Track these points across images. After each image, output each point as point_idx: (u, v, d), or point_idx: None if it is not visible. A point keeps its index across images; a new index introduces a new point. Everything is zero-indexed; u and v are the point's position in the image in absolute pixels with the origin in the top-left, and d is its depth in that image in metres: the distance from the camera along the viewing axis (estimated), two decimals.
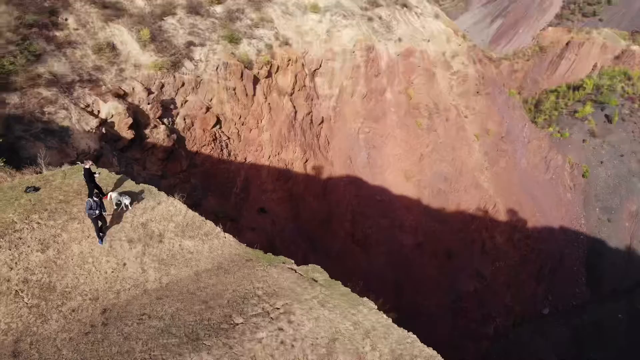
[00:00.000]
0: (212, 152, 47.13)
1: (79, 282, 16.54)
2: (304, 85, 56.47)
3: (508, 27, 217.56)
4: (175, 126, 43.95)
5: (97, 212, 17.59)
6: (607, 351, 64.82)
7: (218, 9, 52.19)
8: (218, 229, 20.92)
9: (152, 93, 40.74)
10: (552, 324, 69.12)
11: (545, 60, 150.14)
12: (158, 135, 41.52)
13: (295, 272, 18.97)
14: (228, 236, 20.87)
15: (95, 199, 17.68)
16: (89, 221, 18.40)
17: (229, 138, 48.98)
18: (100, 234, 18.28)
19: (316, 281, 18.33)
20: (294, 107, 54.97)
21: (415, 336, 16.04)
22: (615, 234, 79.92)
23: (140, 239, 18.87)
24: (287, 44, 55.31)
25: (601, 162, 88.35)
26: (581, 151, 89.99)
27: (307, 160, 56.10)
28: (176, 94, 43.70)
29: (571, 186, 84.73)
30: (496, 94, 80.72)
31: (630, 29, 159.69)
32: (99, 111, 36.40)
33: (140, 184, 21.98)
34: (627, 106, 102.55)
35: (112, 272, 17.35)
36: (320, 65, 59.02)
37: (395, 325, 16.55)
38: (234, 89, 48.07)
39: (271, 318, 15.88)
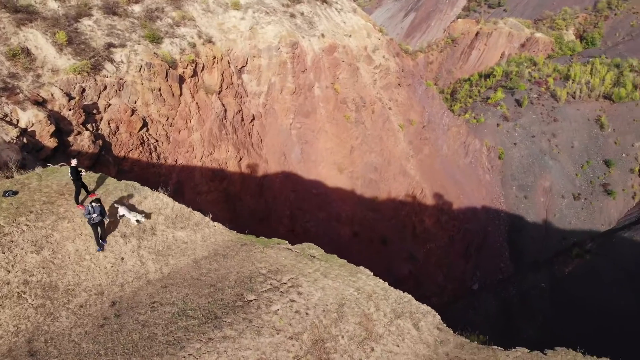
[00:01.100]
0: (140, 157, 45.83)
1: (80, 279, 16.77)
2: (232, 83, 56.23)
3: (421, 21, 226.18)
4: (100, 131, 42.31)
5: (96, 217, 17.37)
6: (534, 319, 70.51)
7: (136, 8, 50.65)
8: (207, 219, 21.65)
9: (73, 98, 38.94)
10: (482, 298, 74.06)
11: (457, 51, 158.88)
12: (82, 142, 39.77)
13: (292, 250, 20.19)
14: (218, 225, 21.59)
15: (94, 204, 17.34)
16: (78, 220, 18.62)
17: (157, 141, 47.84)
18: (100, 240, 18.26)
19: (314, 257, 19.61)
20: (223, 105, 54.62)
21: (410, 296, 18.63)
22: (532, 210, 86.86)
23: (134, 233, 19.23)
24: (210, 42, 54.75)
25: (515, 144, 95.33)
26: (496, 135, 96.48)
27: (241, 159, 56.00)
28: (98, 97, 42.05)
29: (489, 168, 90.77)
30: (416, 85, 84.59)
31: (533, 18, 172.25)
32: (18, 120, 34.35)
33: (123, 181, 22.18)
34: (535, 90, 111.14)
35: (112, 267, 17.72)
36: (247, 63, 59.02)
37: (392, 288, 18.66)
38: (160, 90, 46.99)
39: (281, 292, 16.86)
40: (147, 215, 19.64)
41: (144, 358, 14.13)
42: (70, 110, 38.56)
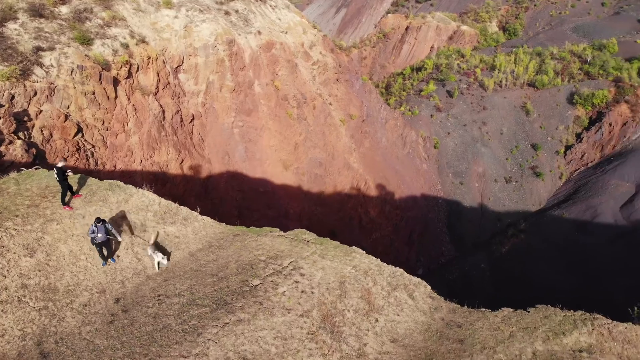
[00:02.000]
0: (77, 164, 43.78)
1: (79, 279, 16.83)
2: (169, 83, 54.81)
3: (352, 17, 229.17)
4: (32, 139, 40.12)
5: (101, 236, 17.00)
6: (477, 298, 74.07)
7: (63, 9, 48.24)
8: (195, 213, 22.15)
9: (2, 106, 36.74)
10: (428, 282, 76.77)
11: (389, 45, 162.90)
12: (15, 151, 37.56)
13: (286, 237, 20.84)
14: (206, 218, 22.06)
15: (97, 223, 16.91)
16: (67, 221, 18.51)
17: (94, 146, 45.87)
18: (108, 258, 17.99)
19: (308, 241, 20.39)
20: (161, 106, 53.15)
21: (401, 270, 20.11)
22: (468, 195, 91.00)
23: (125, 231, 19.41)
24: (144, 41, 53.09)
25: (448, 133, 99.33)
26: (430, 125, 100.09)
27: (182, 161, 54.77)
28: (29, 104, 39.84)
29: (426, 157, 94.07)
30: (353, 80, 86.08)
31: (458, 11, 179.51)
32: None
33: (105, 180, 22.18)
34: (464, 81, 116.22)
35: (109, 265, 17.99)
36: (183, 62, 57.73)
37: (384, 264, 19.93)
38: (93, 93, 45.07)
39: (284, 275, 17.57)
40: (168, 257, 19.03)
41: (163, 347, 14.41)
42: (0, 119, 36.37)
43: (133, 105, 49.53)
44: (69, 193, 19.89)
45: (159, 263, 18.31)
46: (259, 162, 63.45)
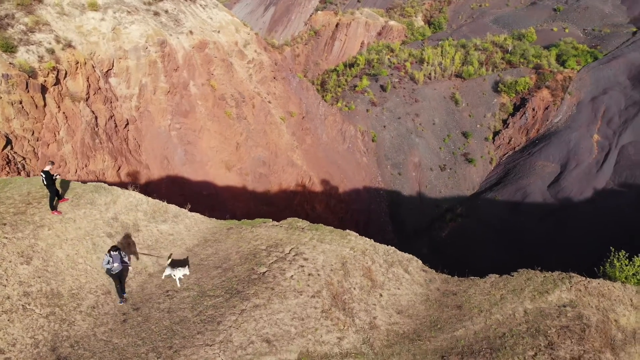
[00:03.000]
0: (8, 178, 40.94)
1: (81, 282, 16.58)
2: (99, 88, 52.40)
3: (281, 15, 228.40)
4: None
5: (117, 266, 15.93)
6: None
7: None
8: (184, 210, 22.25)
9: None
10: None
11: (320, 42, 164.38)
12: None
13: (281, 226, 21.21)
14: (196, 214, 22.32)
15: (112, 252, 15.88)
16: (58, 225, 18.03)
17: (24, 158, 43.15)
18: (122, 289, 16.83)
19: (303, 228, 20.85)
20: (93, 112, 50.75)
21: (394, 247, 21.24)
22: (406, 184, 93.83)
23: (118, 232, 19.24)
24: (70, 46, 50.50)
25: (384, 126, 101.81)
26: (367, 119, 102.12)
27: (119, 168, 52.59)
28: None
29: (365, 151, 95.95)
30: (290, 78, 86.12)
31: (385, 7, 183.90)
32: None
33: (89, 183, 21.81)
34: (396, 75, 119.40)
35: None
36: (113, 65, 55.40)
37: (378, 243, 20.92)
38: (21, 103, 42.40)
39: (289, 261, 18.05)
40: (188, 264, 18.09)
41: (185, 338, 14.58)
42: None
43: (63, 112, 46.95)
44: (56, 198, 19.44)
45: (179, 279, 17.49)
46: (200, 165, 62.04)
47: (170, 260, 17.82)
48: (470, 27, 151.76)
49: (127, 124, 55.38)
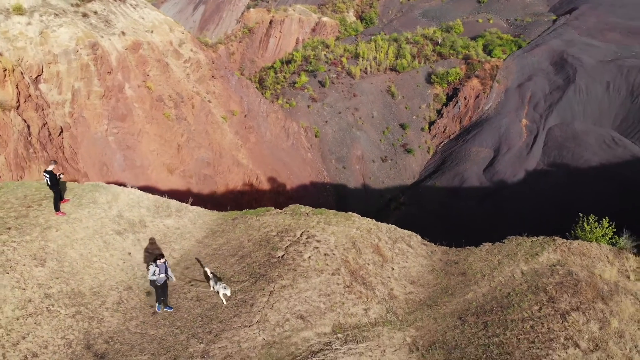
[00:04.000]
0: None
1: (100, 280, 16.47)
2: (30, 95, 49.41)
3: (212, 13, 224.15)
4: None
5: (162, 276, 15.35)
6: None
7: None
8: (185, 204, 22.44)
9: None
10: None
11: (255, 40, 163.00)
12: None
13: (286, 213, 21.75)
14: (198, 208, 22.62)
15: (158, 261, 15.26)
16: (65, 226, 17.78)
17: None
18: (162, 298, 16.10)
19: (307, 213, 21.46)
20: (25, 121, 47.81)
21: (394, 225, 22.32)
22: (351, 177, 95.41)
23: (126, 229, 19.14)
24: None
25: (326, 122, 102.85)
26: (309, 115, 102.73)
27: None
28: None
29: (309, 147, 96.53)
30: (228, 76, 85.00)
31: (317, 3, 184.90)
32: None
33: (86, 183, 21.82)
34: (333, 70, 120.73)
35: (124, 262, 17.68)
36: (43, 71, 52.45)
37: (379, 222, 21.91)
38: None
39: (303, 244, 18.60)
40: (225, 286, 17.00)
41: (223, 322, 15.04)
42: None
43: None
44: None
45: (224, 295, 16.59)
46: (141, 170, 59.99)
47: (210, 272, 17.08)
48: (400, 21, 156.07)
49: (62, 131, 52.58)
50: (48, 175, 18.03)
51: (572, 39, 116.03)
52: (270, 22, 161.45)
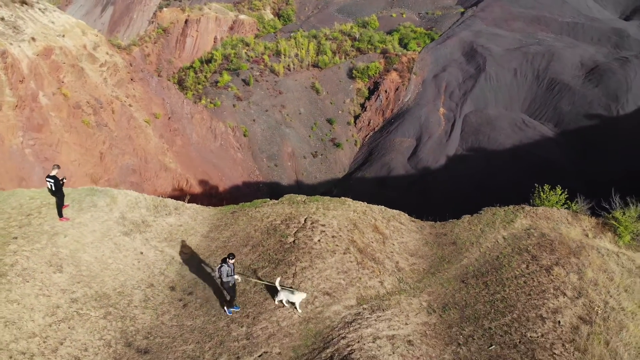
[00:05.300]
0: None
1: (120, 281, 16.61)
2: None
3: (122, 14, 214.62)
4: None
5: (237, 277, 15.44)
6: None
7: None
8: (181, 202, 22.74)
9: None
10: None
11: (171, 40, 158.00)
12: None
13: (283, 203, 22.37)
14: (194, 205, 23.12)
15: (230, 260, 14.91)
16: (73, 231, 17.76)
17: None
18: (233, 298, 16.02)
19: (304, 201, 22.25)
20: None
21: (382, 206, 23.52)
22: (284, 174, 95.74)
23: (132, 229, 19.32)
24: None
25: (254, 120, 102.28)
26: (235, 115, 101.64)
27: None
28: None
29: (238, 146, 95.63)
30: (148, 78, 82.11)
31: (233, 1, 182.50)
32: None
33: (79, 187, 21.85)
34: (256, 68, 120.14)
35: (139, 262, 17.85)
36: None
37: (371, 204, 23.10)
38: None
39: (310, 228, 19.42)
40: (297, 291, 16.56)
41: (256, 306, 15.84)
42: None
43: None
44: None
45: (293, 303, 16.04)
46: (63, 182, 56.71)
47: (278, 283, 16.23)
48: (317, 18, 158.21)
49: None
50: (52, 181, 17.53)
51: (480, 29, 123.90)
52: (186, 21, 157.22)
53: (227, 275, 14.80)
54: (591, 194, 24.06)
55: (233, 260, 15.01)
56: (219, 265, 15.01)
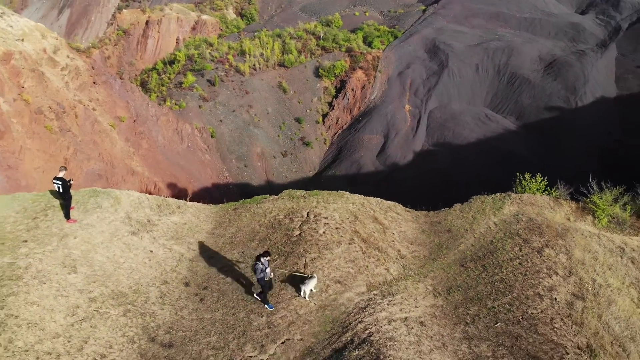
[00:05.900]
0: None
1: (134, 279, 16.86)
2: None
3: (79, 16, 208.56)
4: None
5: (269, 272, 15.56)
6: None
7: None
8: (183, 201, 23.02)
9: None
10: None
11: (132, 42, 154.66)
12: None
13: (283, 198, 22.84)
14: (195, 203, 23.33)
15: (265, 257, 15.32)
16: (82, 232, 17.92)
17: None
18: (269, 294, 16.53)
19: (303, 196, 22.85)
20: None
21: (378, 198, 24.27)
22: (254, 175, 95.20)
23: (139, 228, 19.52)
24: None
25: (221, 121, 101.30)
26: (202, 116, 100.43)
27: None
28: None
29: (206, 148, 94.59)
30: (111, 81, 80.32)
31: (194, 1, 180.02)
32: None
33: (82, 189, 21.69)
34: (221, 69, 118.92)
35: (150, 260, 18.06)
36: None
37: (367, 196, 23.93)
38: None
39: (313, 221, 19.94)
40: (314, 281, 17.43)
41: (273, 296, 16.41)
42: None
43: None
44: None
45: (308, 291, 16.87)
46: (27, 190, 54.73)
47: (301, 277, 17.17)
48: (281, 17, 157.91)
49: None
50: (60, 182, 17.56)
51: (442, 26, 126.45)
52: (147, 22, 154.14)
53: (262, 271, 15.26)
54: (553, 183, 25.42)
55: (268, 258, 15.43)
56: (253, 263, 15.88)
